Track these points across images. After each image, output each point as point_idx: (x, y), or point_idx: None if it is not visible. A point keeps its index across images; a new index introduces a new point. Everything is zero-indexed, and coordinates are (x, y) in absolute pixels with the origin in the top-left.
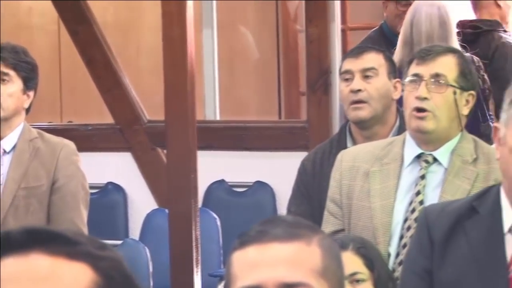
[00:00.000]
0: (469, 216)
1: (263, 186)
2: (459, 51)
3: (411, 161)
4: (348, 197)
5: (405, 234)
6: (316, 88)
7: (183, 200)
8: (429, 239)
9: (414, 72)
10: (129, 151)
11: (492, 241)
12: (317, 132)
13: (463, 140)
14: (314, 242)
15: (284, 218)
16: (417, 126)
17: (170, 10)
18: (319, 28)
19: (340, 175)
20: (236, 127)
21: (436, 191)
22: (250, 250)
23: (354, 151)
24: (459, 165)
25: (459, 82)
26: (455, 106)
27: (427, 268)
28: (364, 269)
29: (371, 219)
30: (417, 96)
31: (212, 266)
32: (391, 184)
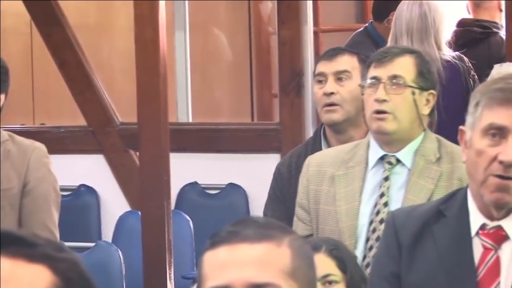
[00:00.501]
0: (436, 220)
1: (236, 188)
2: (416, 52)
3: (375, 163)
4: (315, 202)
5: (370, 236)
6: (289, 90)
7: (155, 202)
8: (397, 243)
9: (372, 75)
10: (101, 153)
11: (459, 245)
12: (290, 134)
13: (426, 140)
14: (285, 243)
15: (255, 219)
16: (377, 127)
17: (142, 12)
18: (291, 30)
19: (307, 181)
20: (209, 129)
21: (400, 192)
22: (220, 251)
23: (320, 156)
24: (423, 165)
25: (418, 82)
26: (415, 106)
27: (395, 272)
28: (337, 271)
29: (337, 222)
30: (376, 99)
31: (185, 268)
32: (356, 187)
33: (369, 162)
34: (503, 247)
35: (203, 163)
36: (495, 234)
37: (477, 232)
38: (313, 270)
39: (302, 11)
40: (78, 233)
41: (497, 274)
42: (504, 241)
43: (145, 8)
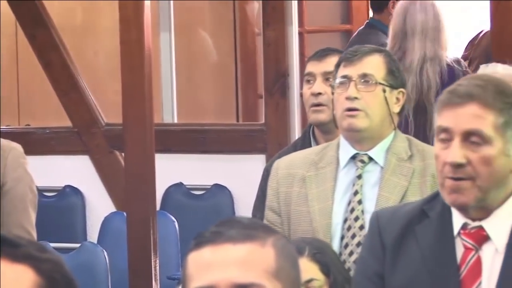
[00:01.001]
0: (419, 220)
1: (221, 189)
2: (385, 50)
3: (347, 162)
4: (286, 204)
5: (345, 234)
6: (274, 91)
7: (141, 203)
8: (381, 244)
9: (342, 74)
10: (87, 154)
11: (442, 245)
12: (275, 134)
13: (396, 138)
14: (269, 243)
15: (239, 220)
16: (349, 124)
17: (127, 13)
18: (276, 31)
19: (277, 183)
20: (194, 130)
21: (374, 190)
22: (205, 251)
23: (289, 158)
24: (395, 162)
25: (388, 80)
26: (386, 104)
27: (379, 272)
28: (320, 275)
29: (310, 222)
30: (347, 97)
31: (170, 269)
32: (328, 187)
33: (340, 161)
34: (484, 248)
35: (188, 164)
36: (476, 234)
37: (458, 232)
38: (296, 270)
39: (287, 12)
40: (64, 234)
41: (478, 274)
42: (485, 242)
43: (130, 9)
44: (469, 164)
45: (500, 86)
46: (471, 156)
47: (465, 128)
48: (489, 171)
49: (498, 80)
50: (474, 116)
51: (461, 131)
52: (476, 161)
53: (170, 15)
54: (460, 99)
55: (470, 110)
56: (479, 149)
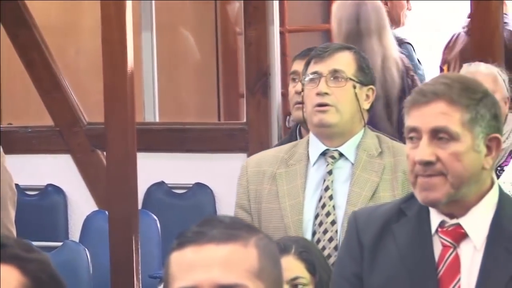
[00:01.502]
0: (397, 219)
1: (203, 187)
2: (354, 48)
3: (317, 159)
4: (257, 201)
5: (317, 230)
6: (255, 90)
7: (123, 202)
8: (359, 244)
9: (313, 71)
10: (68, 153)
11: (420, 243)
12: (256, 133)
13: (366, 135)
14: (251, 243)
15: (222, 219)
16: (319, 120)
17: (109, 13)
18: (258, 31)
19: (247, 181)
20: (176, 129)
21: (345, 186)
22: (187, 251)
23: (258, 156)
24: (366, 159)
25: (358, 77)
26: (356, 100)
27: (357, 272)
28: (306, 274)
29: (282, 219)
30: (318, 92)
31: (152, 268)
32: (298, 184)
33: (310, 158)
34: (462, 245)
35: (170, 163)
36: (454, 232)
37: (436, 230)
38: (278, 269)
39: (269, 12)
40: (46, 233)
41: (457, 272)
42: (463, 239)
43: (112, 9)
44: (439, 161)
45: (466, 83)
46: (440, 153)
47: (432, 126)
48: (459, 167)
49: (464, 78)
50: (441, 114)
51: (429, 129)
52: (445, 157)
53: (152, 14)
54: (426, 98)
55: (436, 108)
56: (448, 146)
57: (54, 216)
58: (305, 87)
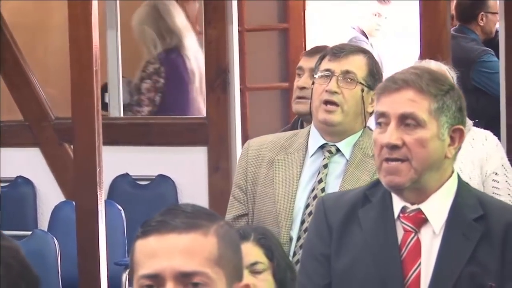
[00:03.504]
0: (362, 205)
1: (165, 179)
2: (369, 52)
3: (315, 151)
4: (253, 183)
5: (306, 219)
6: (215, 86)
7: (89, 192)
8: (327, 226)
9: (326, 68)
10: (37, 146)
11: (384, 228)
12: (216, 128)
13: (365, 135)
14: (211, 232)
15: (184, 208)
16: (324, 118)
17: (76, 13)
18: (217, 30)
19: (246, 163)
20: (139, 123)
21: (337, 181)
22: (150, 240)
23: (260, 141)
24: (360, 158)
25: (367, 81)
26: (362, 103)
27: (325, 253)
28: (264, 259)
29: (274, 204)
30: (328, 90)
31: (117, 255)
32: (294, 172)
33: (309, 149)
34: (422, 230)
35: (134, 156)
36: (415, 217)
37: (398, 215)
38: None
39: (228, 12)
40: (15, 222)
41: (418, 255)
42: (424, 224)
43: (79, 8)
44: (405, 146)
45: (434, 75)
46: (406, 139)
47: (400, 112)
48: (424, 153)
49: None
50: (410, 101)
51: (397, 115)
52: (411, 143)
53: (117, 14)
54: (396, 85)
55: (406, 95)
56: (414, 132)
57: (24, 206)
58: (316, 81)
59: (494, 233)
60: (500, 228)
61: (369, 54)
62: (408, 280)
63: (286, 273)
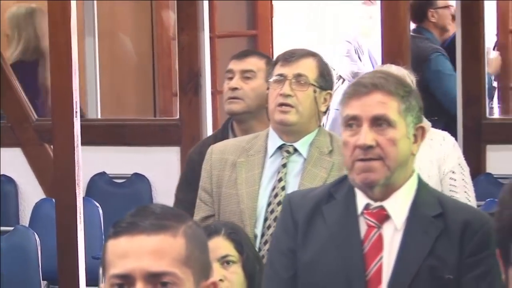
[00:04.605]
0: (327, 201)
1: (140, 177)
2: (318, 55)
3: (274, 151)
4: (218, 186)
5: (269, 216)
6: (187, 89)
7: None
8: (293, 222)
9: (279, 73)
10: (19, 146)
11: (347, 223)
12: (188, 128)
13: (320, 134)
14: (180, 233)
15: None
16: (281, 119)
17: (56, 20)
18: (190, 36)
19: (211, 167)
20: (116, 124)
21: (296, 179)
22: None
23: (222, 145)
24: (317, 156)
25: (319, 82)
26: (315, 103)
27: (291, 248)
28: (234, 252)
29: (238, 204)
30: (282, 93)
31: (95, 250)
32: (256, 173)
33: (268, 150)
34: (385, 226)
35: (111, 155)
36: (378, 214)
37: (362, 211)
38: (206, 254)
39: (200, 19)
40: None
41: (380, 249)
42: (386, 220)
43: (59, 16)
44: (378, 146)
45: (398, 77)
46: (379, 139)
47: (372, 114)
48: (395, 151)
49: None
50: (380, 103)
51: (369, 117)
52: (384, 143)
53: (94, 21)
54: (366, 89)
55: (376, 98)
56: (386, 132)
57: (6, 203)
58: (270, 86)
59: (452, 230)
60: (458, 225)
61: (318, 56)
62: (369, 272)
63: (255, 266)
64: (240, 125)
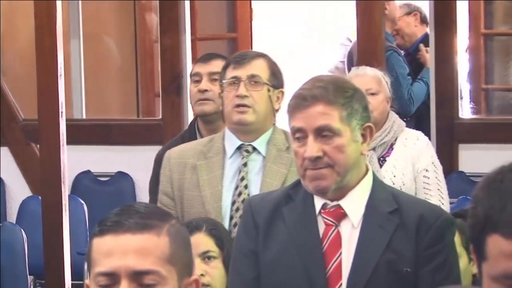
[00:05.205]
0: (286, 203)
1: (124, 176)
2: (267, 56)
3: (233, 152)
4: (180, 189)
5: (234, 215)
6: (169, 91)
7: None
8: (254, 224)
9: (232, 75)
10: (6, 146)
11: (306, 223)
12: (170, 128)
13: (275, 132)
14: (164, 232)
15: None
16: (239, 119)
17: (42, 24)
18: (172, 39)
19: (170, 171)
20: (100, 124)
21: (258, 177)
22: (107, 239)
23: (180, 149)
24: (275, 153)
25: (271, 81)
26: (270, 101)
27: (253, 249)
28: (215, 248)
29: (203, 205)
30: (238, 95)
31: (80, 245)
32: (217, 174)
33: (226, 152)
34: (342, 224)
35: (95, 154)
36: (335, 212)
37: (319, 211)
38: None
39: (181, 23)
40: None
41: (339, 246)
42: (343, 218)
43: (44, 19)
44: (325, 155)
45: (338, 83)
46: (325, 148)
47: (316, 126)
48: (344, 157)
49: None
50: (321, 114)
51: (313, 129)
52: (331, 151)
53: (79, 24)
54: (307, 102)
55: (317, 110)
56: (331, 141)
57: None
58: (225, 89)
59: (408, 224)
60: (413, 219)
61: (268, 57)
62: (330, 269)
63: None
64: (207, 126)
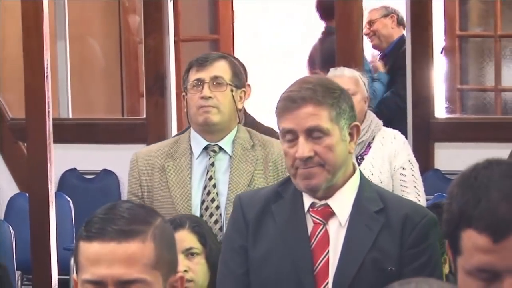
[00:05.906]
0: (275, 200)
1: (109, 173)
2: (229, 57)
3: (200, 152)
4: (149, 190)
5: (204, 213)
6: (153, 91)
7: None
8: (244, 221)
9: (196, 78)
10: None
11: (295, 220)
12: (154, 127)
13: (240, 131)
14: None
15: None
16: (204, 119)
17: (29, 25)
18: (155, 40)
19: (138, 173)
20: (86, 123)
21: (225, 175)
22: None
23: (147, 151)
24: (241, 152)
25: (234, 81)
26: (233, 101)
27: (243, 245)
28: (198, 245)
29: (173, 205)
30: (203, 96)
31: (66, 241)
32: (185, 174)
33: (193, 152)
34: (330, 222)
35: (81, 152)
36: (323, 211)
37: (308, 209)
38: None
39: (165, 24)
40: None
41: (326, 244)
42: (331, 217)
43: (32, 21)
44: (316, 155)
45: (325, 84)
46: (316, 148)
47: (306, 127)
48: (334, 156)
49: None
50: (311, 115)
51: (303, 129)
52: (321, 151)
53: (66, 26)
54: (296, 104)
55: (306, 111)
56: (322, 141)
57: None
58: (189, 91)
59: (393, 224)
60: (398, 219)
61: (229, 58)
62: (317, 266)
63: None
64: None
